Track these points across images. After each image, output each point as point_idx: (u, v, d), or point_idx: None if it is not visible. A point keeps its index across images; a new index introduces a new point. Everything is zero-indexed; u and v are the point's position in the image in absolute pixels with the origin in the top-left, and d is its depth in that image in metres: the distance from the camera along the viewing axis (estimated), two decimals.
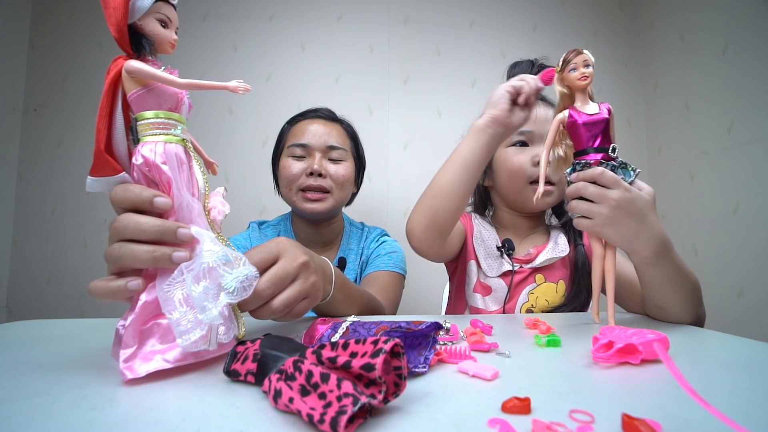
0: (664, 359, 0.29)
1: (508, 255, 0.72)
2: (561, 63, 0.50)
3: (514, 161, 0.72)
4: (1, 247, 1.33)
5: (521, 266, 0.72)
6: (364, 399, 0.22)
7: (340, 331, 0.38)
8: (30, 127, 1.38)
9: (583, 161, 0.48)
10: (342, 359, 0.24)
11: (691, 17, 1.32)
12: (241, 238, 0.90)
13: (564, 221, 0.79)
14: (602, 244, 0.50)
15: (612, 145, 0.48)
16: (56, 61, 1.39)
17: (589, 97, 0.50)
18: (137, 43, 0.34)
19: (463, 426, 0.23)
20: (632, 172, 0.48)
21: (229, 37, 1.43)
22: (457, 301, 0.77)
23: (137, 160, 0.33)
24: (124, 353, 0.31)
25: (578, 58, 0.49)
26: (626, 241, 0.48)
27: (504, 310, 0.70)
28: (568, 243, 0.74)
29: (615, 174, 0.47)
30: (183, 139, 0.36)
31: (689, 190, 1.30)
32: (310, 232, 0.92)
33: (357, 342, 0.25)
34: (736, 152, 1.16)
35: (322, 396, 0.23)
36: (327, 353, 0.25)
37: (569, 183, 0.50)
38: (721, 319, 1.12)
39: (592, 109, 0.49)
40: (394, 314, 0.86)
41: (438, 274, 0.95)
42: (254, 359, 0.29)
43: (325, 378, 0.23)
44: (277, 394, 0.25)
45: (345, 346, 0.25)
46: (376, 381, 0.23)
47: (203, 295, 0.32)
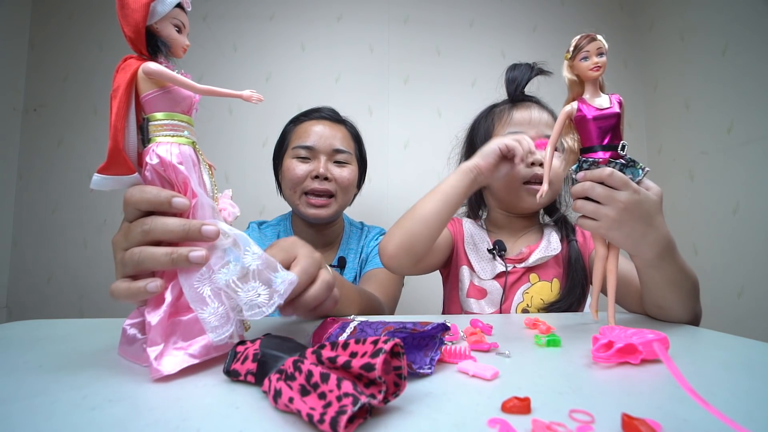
0: (664, 359, 0.29)
1: (500, 256, 0.72)
2: (572, 49, 0.45)
3: None
4: (1, 247, 1.32)
5: (514, 266, 0.72)
6: (364, 399, 0.22)
7: (348, 331, 0.38)
8: (30, 127, 1.38)
9: (591, 159, 0.45)
10: (342, 359, 0.24)
11: (691, 17, 1.32)
12: None
13: (556, 218, 0.78)
14: (606, 245, 0.49)
15: (621, 142, 0.45)
16: (56, 61, 1.39)
17: (600, 87, 0.46)
18: (152, 45, 0.34)
19: (463, 426, 0.23)
20: (640, 171, 0.45)
21: (229, 37, 1.43)
22: (451, 306, 0.77)
23: (152, 159, 0.33)
24: (153, 351, 0.31)
25: (591, 45, 0.44)
26: (632, 244, 0.47)
27: (500, 311, 0.70)
28: (560, 241, 0.74)
29: (624, 174, 0.44)
30: (193, 142, 0.36)
31: (689, 190, 1.30)
32: (310, 233, 0.92)
33: (357, 342, 0.25)
34: (736, 152, 1.16)
35: (322, 396, 0.23)
36: (327, 353, 0.25)
37: (574, 181, 0.47)
38: (720, 319, 1.12)
39: (603, 102, 0.45)
40: (393, 310, 0.86)
41: (438, 274, 0.95)
42: (254, 359, 0.29)
43: (325, 378, 0.23)
44: (277, 394, 0.25)
45: (345, 346, 0.25)
46: (376, 381, 0.23)
47: (254, 295, 0.33)
